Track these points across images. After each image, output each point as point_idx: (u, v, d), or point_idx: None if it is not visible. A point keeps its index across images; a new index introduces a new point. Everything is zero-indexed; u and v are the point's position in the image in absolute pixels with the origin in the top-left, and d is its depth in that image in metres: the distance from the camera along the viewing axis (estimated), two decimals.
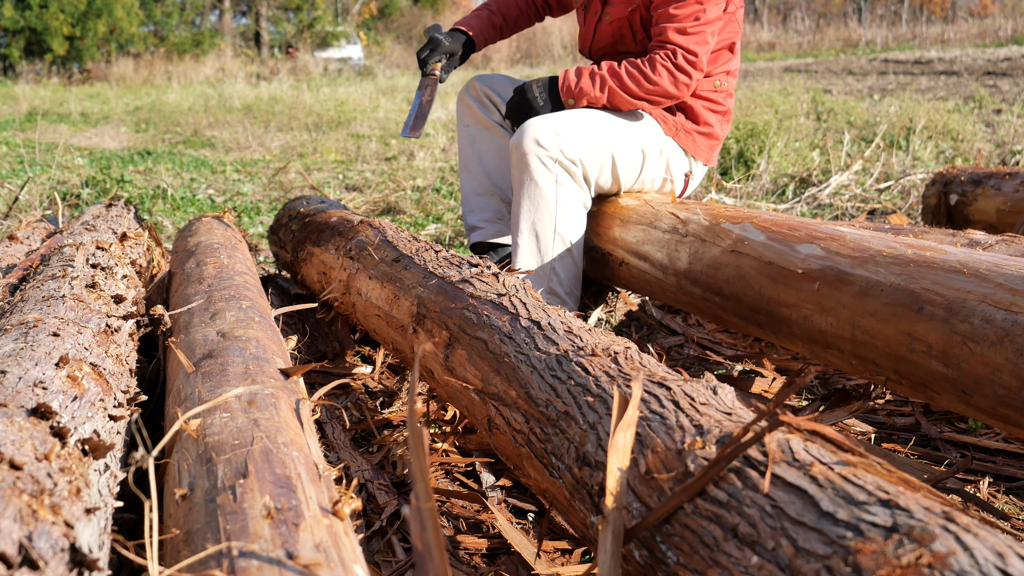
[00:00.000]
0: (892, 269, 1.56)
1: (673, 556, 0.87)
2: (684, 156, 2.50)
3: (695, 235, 2.11)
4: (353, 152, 7.21)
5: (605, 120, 2.36)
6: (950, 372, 1.40)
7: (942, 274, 1.47)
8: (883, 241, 1.66)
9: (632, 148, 2.39)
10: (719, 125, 2.49)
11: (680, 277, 2.13)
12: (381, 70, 19.99)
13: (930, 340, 1.43)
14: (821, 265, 1.70)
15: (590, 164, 2.34)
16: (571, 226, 2.37)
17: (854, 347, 1.60)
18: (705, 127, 2.47)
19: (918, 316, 1.46)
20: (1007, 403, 1.32)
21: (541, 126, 2.29)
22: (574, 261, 2.40)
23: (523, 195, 2.35)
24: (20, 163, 6.54)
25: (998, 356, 1.32)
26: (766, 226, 1.93)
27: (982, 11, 28.73)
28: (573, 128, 2.30)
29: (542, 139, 2.27)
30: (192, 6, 26.17)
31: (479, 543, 1.46)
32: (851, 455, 0.85)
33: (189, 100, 12.12)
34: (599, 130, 2.34)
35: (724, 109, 2.49)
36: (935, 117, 6.14)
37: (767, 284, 1.83)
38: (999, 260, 1.45)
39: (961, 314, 1.39)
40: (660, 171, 2.48)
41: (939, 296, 1.44)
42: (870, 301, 1.56)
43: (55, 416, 1.00)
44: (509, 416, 1.29)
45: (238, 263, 2.21)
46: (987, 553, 0.66)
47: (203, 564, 0.80)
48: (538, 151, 2.28)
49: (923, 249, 1.58)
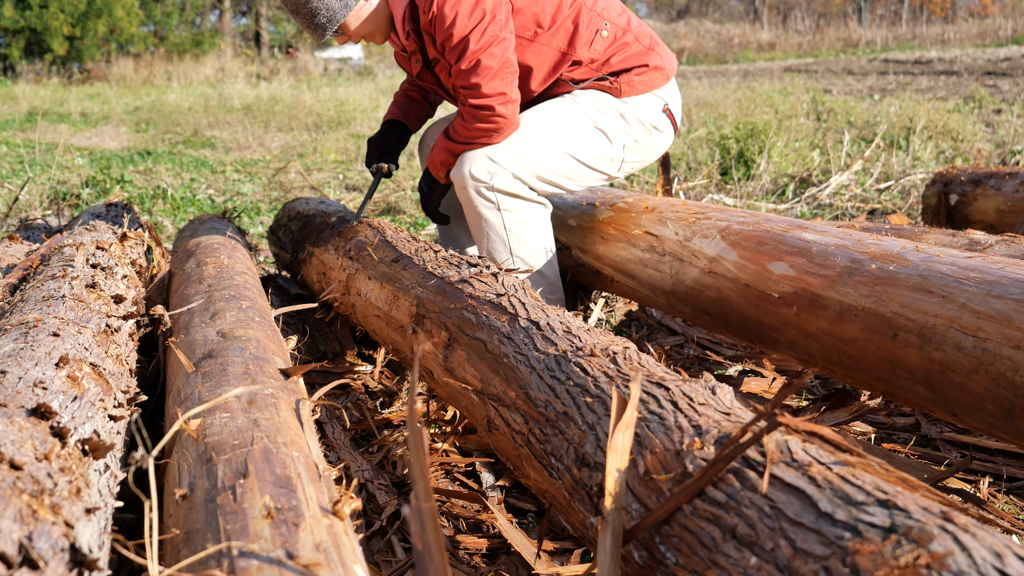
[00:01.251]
0: (860, 290, 1.51)
1: (672, 557, 0.87)
2: (649, 97, 2.35)
3: (672, 254, 2.05)
4: (353, 152, 7.22)
5: (543, 123, 2.27)
6: (936, 397, 1.37)
7: (908, 294, 1.43)
8: (847, 253, 1.61)
9: (586, 134, 2.29)
10: (645, 54, 2.33)
11: (668, 296, 2.08)
12: (381, 70, 19.98)
13: (911, 367, 1.40)
14: (794, 288, 1.66)
15: (546, 172, 2.26)
16: (528, 247, 2.29)
17: (844, 370, 1.57)
18: (638, 64, 2.32)
19: (894, 343, 1.42)
20: (997, 428, 1.29)
21: (473, 156, 2.23)
22: (542, 276, 2.33)
23: (474, 226, 2.31)
24: (20, 163, 6.54)
25: (976, 385, 1.28)
26: (736, 240, 1.86)
27: (982, 11, 28.73)
28: (507, 148, 2.22)
29: (475, 171, 2.21)
30: (192, 6, 26.17)
31: (479, 543, 1.46)
32: (849, 455, 0.85)
33: (189, 100, 12.13)
34: (540, 136, 2.25)
35: (633, 39, 2.33)
36: (935, 117, 6.14)
37: (749, 308, 1.78)
38: (959, 271, 1.40)
39: (933, 341, 1.35)
40: (637, 130, 2.34)
41: (909, 321, 1.40)
42: (847, 327, 1.52)
43: (55, 416, 1.00)
44: (508, 417, 1.30)
45: (238, 263, 2.21)
46: (985, 553, 0.66)
47: (203, 564, 0.80)
48: (474, 184, 2.22)
49: (886, 260, 1.53)
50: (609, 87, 2.31)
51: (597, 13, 2.29)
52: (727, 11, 33.33)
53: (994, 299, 1.30)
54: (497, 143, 2.22)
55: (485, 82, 2.14)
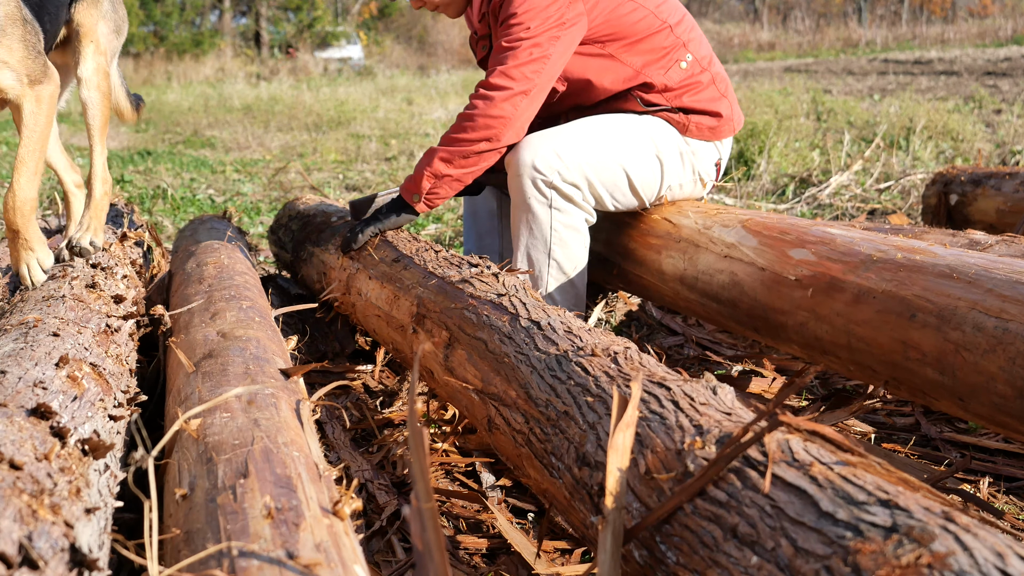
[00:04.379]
0: (883, 275, 1.54)
1: (673, 556, 0.87)
2: (709, 147, 2.32)
3: (688, 240, 2.08)
4: (353, 152, 7.22)
5: (613, 134, 2.20)
6: (946, 380, 1.39)
7: (932, 279, 1.45)
8: (872, 244, 1.64)
9: (646, 159, 2.22)
10: (718, 100, 2.30)
11: (676, 282, 2.10)
12: (381, 70, 19.99)
13: (924, 348, 1.42)
14: (813, 271, 1.68)
15: (599, 183, 2.17)
16: (568, 252, 2.20)
17: (850, 354, 1.58)
18: (710, 110, 2.28)
19: (910, 324, 1.44)
20: (1004, 411, 1.30)
21: (540, 145, 2.12)
22: (572, 286, 2.24)
23: (518, 218, 2.20)
24: None
25: (991, 365, 1.30)
26: (758, 230, 1.90)
27: (982, 11, 28.72)
28: (575, 148, 2.14)
29: (539, 162, 2.11)
30: (192, 6, 26.16)
31: (479, 543, 1.46)
32: (851, 455, 0.85)
33: (189, 100, 12.13)
34: (606, 146, 2.17)
35: (710, 80, 2.29)
36: (935, 117, 6.14)
37: (761, 290, 1.80)
38: (988, 263, 1.43)
39: (952, 321, 1.37)
40: (687, 174, 2.31)
41: (930, 303, 1.42)
42: (863, 308, 1.54)
43: (55, 416, 1.00)
44: (509, 416, 1.29)
45: (238, 263, 2.21)
46: (987, 553, 0.66)
47: (203, 564, 0.80)
48: (532, 174, 2.12)
49: (912, 252, 1.56)
50: (677, 122, 2.26)
51: (683, 43, 2.24)
52: (727, 11, 33.32)
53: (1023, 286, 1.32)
54: (501, 142, 2.10)
55: (517, 65, 2.05)
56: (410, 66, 21.50)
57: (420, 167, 2.14)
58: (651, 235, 2.23)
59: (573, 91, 2.28)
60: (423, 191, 2.14)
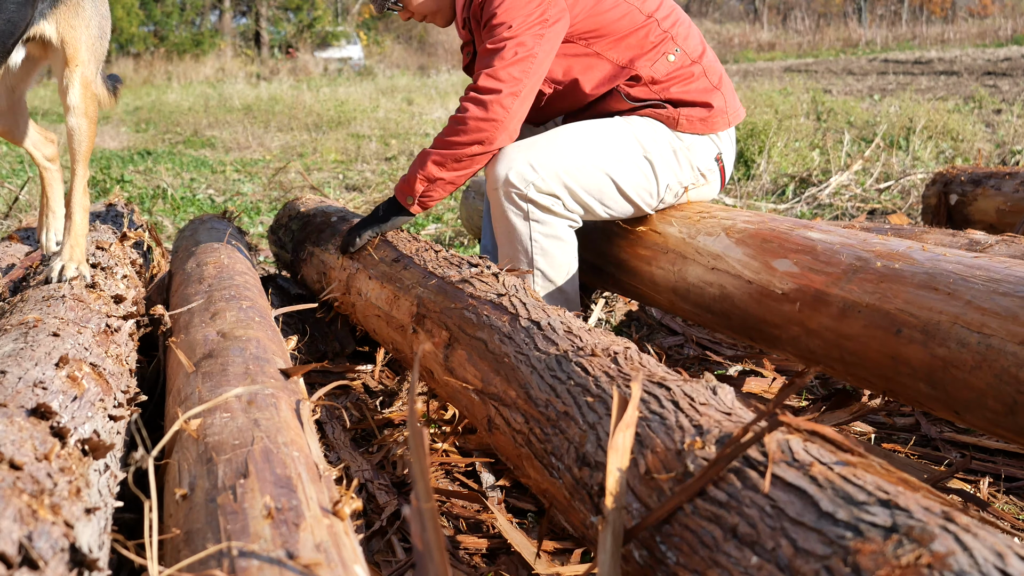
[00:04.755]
0: (865, 287, 1.52)
1: (673, 556, 0.87)
2: (705, 140, 2.22)
3: (676, 251, 2.04)
4: (353, 152, 7.22)
5: (592, 139, 2.13)
6: (938, 394, 1.37)
7: (912, 291, 1.43)
8: (852, 251, 1.61)
9: (631, 161, 2.14)
10: (711, 92, 2.22)
11: (670, 293, 2.08)
12: (381, 70, 19.99)
13: (913, 364, 1.40)
14: (797, 284, 1.66)
15: (582, 191, 2.11)
16: (551, 260, 2.14)
17: (844, 367, 1.57)
18: (701, 101, 2.20)
19: (897, 339, 1.43)
20: (998, 424, 1.29)
21: (515, 157, 2.07)
22: (561, 292, 2.18)
23: (498, 230, 2.16)
24: (20, 163, 6.54)
25: (979, 381, 1.29)
26: (741, 238, 1.86)
27: (982, 11, 28.73)
28: (551, 157, 2.08)
29: (512, 175, 2.06)
30: (192, 6, 26.17)
31: (479, 543, 1.46)
32: (851, 455, 0.85)
33: (189, 100, 12.13)
34: (585, 152, 2.10)
35: (700, 72, 2.21)
36: (935, 117, 6.14)
37: (751, 304, 1.78)
38: (964, 269, 1.41)
39: (937, 337, 1.35)
40: (686, 171, 2.20)
41: (913, 317, 1.40)
42: (850, 323, 1.52)
43: (55, 416, 1.00)
44: (509, 416, 1.29)
45: (238, 263, 2.21)
46: (986, 553, 0.66)
47: (203, 564, 0.80)
48: (507, 188, 2.07)
49: (891, 258, 1.53)
50: (666, 117, 2.18)
51: (671, 36, 2.18)
52: (727, 11, 33.33)
53: (1000, 296, 1.30)
54: (494, 145, 2.07)
55: (504, 66, 2.02)
56: (410, 66, 21.51)
57: (413, 170, 2.13)
58: (640, 246, 2.19)
59: (560, 94, 2.23)
60: (416, 194, 2.14)
